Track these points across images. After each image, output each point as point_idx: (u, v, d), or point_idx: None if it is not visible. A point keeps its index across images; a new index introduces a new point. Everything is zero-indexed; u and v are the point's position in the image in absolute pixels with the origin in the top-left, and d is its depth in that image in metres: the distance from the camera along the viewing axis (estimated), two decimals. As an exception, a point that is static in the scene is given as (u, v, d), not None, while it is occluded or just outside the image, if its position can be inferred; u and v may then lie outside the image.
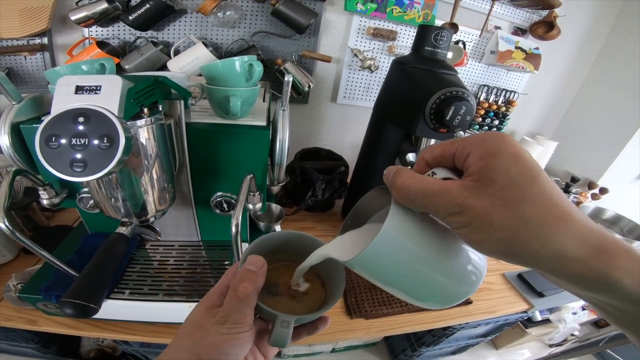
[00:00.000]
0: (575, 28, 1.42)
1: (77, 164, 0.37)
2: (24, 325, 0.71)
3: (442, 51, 0.79)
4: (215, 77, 0.59)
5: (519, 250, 0.20)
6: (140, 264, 0.71)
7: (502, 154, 0.20)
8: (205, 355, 0.27)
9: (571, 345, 1.44)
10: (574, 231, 0.19)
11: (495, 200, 0.20)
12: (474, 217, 0.21)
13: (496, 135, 0.22)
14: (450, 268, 0.26)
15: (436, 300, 0.28)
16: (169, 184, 0.57)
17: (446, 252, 0.26)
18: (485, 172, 0.21)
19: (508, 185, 0.20)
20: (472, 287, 0.27)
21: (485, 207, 0.20)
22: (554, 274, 0.20)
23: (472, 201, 0.21)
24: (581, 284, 0.20)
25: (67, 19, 0.96)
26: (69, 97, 0.39)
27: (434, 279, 0.26)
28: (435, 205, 0.22)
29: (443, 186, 0.22)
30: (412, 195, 0.24)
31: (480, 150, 0.22)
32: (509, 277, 1.09)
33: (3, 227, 0.49)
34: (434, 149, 0.26)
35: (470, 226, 0.21)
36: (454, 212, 0.21)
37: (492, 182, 0.20)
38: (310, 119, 1.39)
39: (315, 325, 0.35)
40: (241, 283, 0.29)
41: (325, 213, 1.20)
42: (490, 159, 0.21)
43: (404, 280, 0.27)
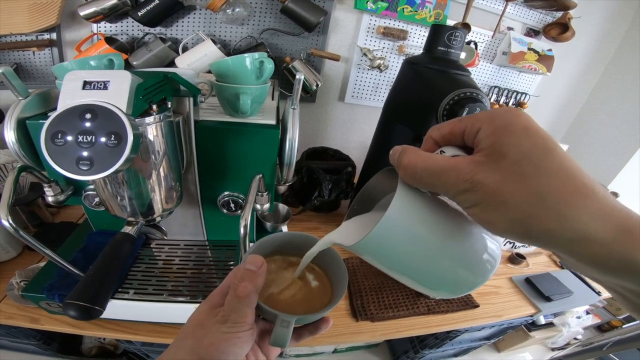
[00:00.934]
0: (590, 30, 1.40)
1: (84, 162, 0.36)
2: (26, 323, 0.70)
3: (456, 51, 0.78)
4: (225, 74, 0.58)
5: (535, 230, 0.18)
6: (145, 263, 0.70)
7: (514, 128, 0.19)
8: (206, 354, 0.27)
9: (574, 349, 1.42)
10: (595, 209, 0.17)
11: (507, 175, 0.19)
12: (485, 194, 0.19)
13: (507, 110, 0.20)
14: (461, 254, 0.25)
15: (446, 288, 0.27)
16: (177, 183, 0.56)
17: (457, 237, 0.25)
18: (496, 147, 0.19)
19: (521, 159, 0.18)
20: (484, 276, 0.26)
21: (497, 182, 0.19)
22: (573, 256, 0.18)
23: (483, 177, 0.19)
24: (603, 268, 0.18)
25: (76, 14, 0.96)
26: (76, 93, 0.38)
27: (443, 265, 0.25)
28: (444, 183, 0.21)
29: (452, 163, 0.21)
30: (419, 173, 0.22)
31: (491, 125, 0.20)
32: (516, 281, 1.07)
33: (6, 224, 0.48)
34: (442, 127, 0.24)
35: (482, 204, 0.20)
36: (464, 189, 0.20)
37: (503, 156, 0.19)
38: (317, 118, 1.38)
39: (317, 326, 0.35)
40: (241, 282, 0.29)
41: (331, 213, 1.19)
42: (501, 133, 0.19)
43: (412, 266, 0.26)
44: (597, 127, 1.57)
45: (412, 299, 0.91)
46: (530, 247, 1.24)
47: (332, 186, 1.06)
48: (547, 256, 1.26)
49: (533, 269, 1.16)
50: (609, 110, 1.51)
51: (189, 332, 0.30)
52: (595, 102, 1.59)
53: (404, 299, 0.90)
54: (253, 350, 0.33)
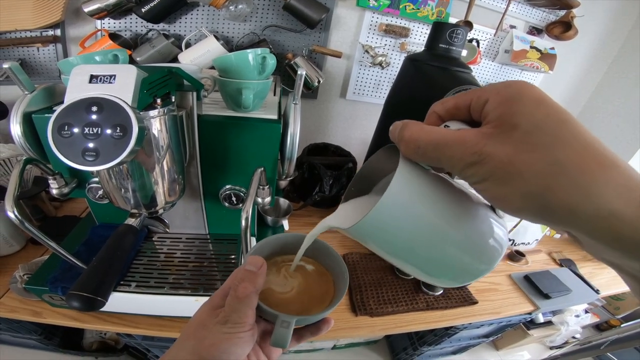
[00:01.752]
0: (593, 29, 1.39)
1: (89, 153, 0.37)
2: (29, 317, 0.71)
3: (457, 49, 0.78)
4: (228, 69, 0.58)
5: (554, 205, 0.16)
6: (147, 256, 0.71)
7: (524, 98, 0.18)
8: (207, 354, 0.27)
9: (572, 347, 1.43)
10: (619, 183, 0.16)
11: (519, 145, 0.17)
12: (496, 166, 0.17)
13: (516, 81, 0.19)
14: (466, 237, 0.23)
15: (449, 275, 0.25)
16: (179, 176, 0.57)
17: (462, 219, 0.23)
18: (506, 117, 0.18)
19: (533, 129, 0.17)
20: (490, 263, 0.24)
21: (509, 154, 0.17)
22: (594, 235, 0.17)
23: (492, 148, 0.18)
24: (626, 250, 0.16)
25: (80, 10, 0.96)
26: (83, 86, 0.38)
27: (447, 249, 0.23)
28: (450, 157, 0.19)
29: (458, 135, 0.19)
30: (423, 147, 0.21)
31: (499, 96, 0.19)
32: (515, 279, 1.08)
33: (12, 216, 0.49)
34: (447, 101, 0.23)
35: (493, 178, 0.18)
36: (472, 162, 0.18)
37: (514, 127, 0.17)
38: (319, 114, 1.38)
39: (318, 327, 0.35)
40: (241, 283, 0.29)
41: (332, 209, 1.19)
42: (510, 103, 0.18)
43: (414, 250, 0.24)
44: (599, 126, 1.56)
45: (411, 294, 0.92)
46: (531, 245, 1.25)
47: (333, 182, 1.07)
48: (547, 254, 1.26)
49: (532, 267, 1.16)
50: (611, 109, 1.51)
51: (191, 332, 0.30)
52: (597, 101, 1.58)
53: (403, 294, 0.91)
54: (254, 351, 0.33)
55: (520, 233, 1.19)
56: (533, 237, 1.23)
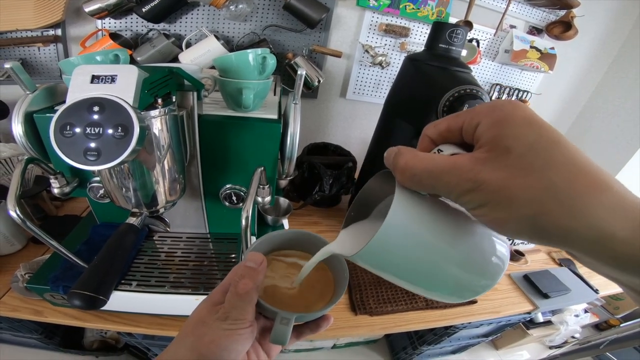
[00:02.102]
0: (593, 29, 1.39)
1: (91, 153, 0.37)
2: (30, 315, 0.71)
3: (457, 49, 0.78)
4: (229, 69, 0.59)
5: (549, 228, 0.17)
6: (147, 255, 0.71)
7: (515, 120, 0.18)
8: (206, 350, 0.27)
9: (571, 347, 1.43)
10: (613, 204, 0.16)
11: (513, 170, 0.17)
12: (491, 192, 0.18)
13: (506, 102, 0.19)
14: (468, 258, 0.24)
15: (453, 294, 0.25)
16: (180, 175, 0.57)
17: (463, 241, 0.23)
18: (498, 140, 0.18)
19: (526, 151, 0.17)
20: (493, 279, 0.24)
21: (503, 179, 0.17)
22: (591, 256, 0.17)
23: (487, 175, 0.18)
24: (623, 268, 0.16)
25: (80, 10, 0.96)
26: (84, 86, 0.39)
27: (450, 270, 0.24)
28: (446, 185, 0.20)
29: (452, 162, 0.20)
30: (418, 175, 0.21)
31: (490, 118, 0.19)
32: (514, 278, 1.08)
33: (14, 215, 0.49)
34: (439, 124, 0.23)
35: (489, 204, 0.18)
36: (468, 189, 0.19)
37: (507, 150, 0.18)
38: (319, 113, 1.38)
39: (317, 324, 0.35)
40: (241, 280, 0.29)
41: (332, 208, 1.20)
42: (502, 126, 0.18)
43: (417, 273, 0.24)
44: (599, 126, 1.57)
45: (411, 294, 0.92)
46: (529, 244, 1.25)
47: (333, 181, 1.07)
48: (546, 253, 1.27)
49: (531, 266, 1.16)
50: (611, 109, 1.51)
51: (190, 329, 0.30)
52: (597, 100, 1.58)
53: (402, 294, 0.91)
54: (254, 348, 0.33)
55: (520, 232, 1.19)
56: (533, 236, 1.23)
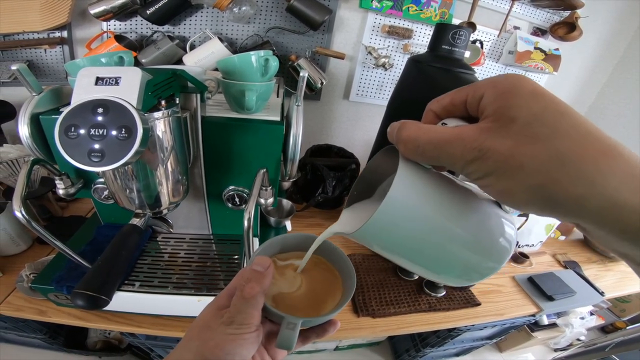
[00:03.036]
0: (598, 30, 1.38)
1: (95, 154, 0.38)
2: (34, 315, 0.72)
3: (460, 50, 0.78)
4: (232, 71, 0.59)
5: (560, 197, 0.16)
6: (151, 256, 0.72)
7: (520, 91, 0.18)
8: (211, 355, 0.27)
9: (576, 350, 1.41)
10: (624, 172, 0.15)
11: (519, 138, 0.17)
12: (498, 160, 0.17)
13: (510, 75, 0.19)
14: (473, 237, 0.23)
15: (456, 274, 0.25)
16: (183, 177, 0.58)
17: (467, 217, 0.23)
18: (503, 110, 0.18)
19: (532, 121, 0.17)
20: (499, 261, 0.23)
21: (510, 147, 0.17)
22: (602, 227, 0.16)
23: (492, 142, 0.17)
24: (636, 240, 0.16)
25: (86, 13, 0.97)
26: (89, 88, 0.39)
27: (454, 248, 0.23)
28: (450, 155, 0.19)
29: (456, 132, 0.19)
30: (422, 147, 0.21)
31: (494, 90, 0.19)
32: (519, 280, 1.08)
33: (20, 216, 0.50)
34: (442, 99, 0.23)
35: (496, 173, 0.18)
36: (473, 158, 0.18)
37: (512, 120, 0.17)
38: (322, 115, 1.39)
39: (324, 329, 0.35)
40: (247, 284, 0.29)
41: (334, 210, 1.20)
42: (507, 97, 0.18)
43: (421, 251, 0.24)
44: (605, 127, 1.51)
45: (414, 296, 0.91)
46: (535, 246, 1.24)
47: (336, 183, 1.07)
48: (551, 256, 1.26)
49: (536, 268, 1.15)
50: (617, 110, 1.50)
51: (195, 333, 0.29)
52: (603, 101, 1.57)
53: (405, 295, 0.91)
54: (259, 352, 0.33)
55: (525, 235, 1.19)
56: (537, 239, 1.22)
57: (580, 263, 1.24)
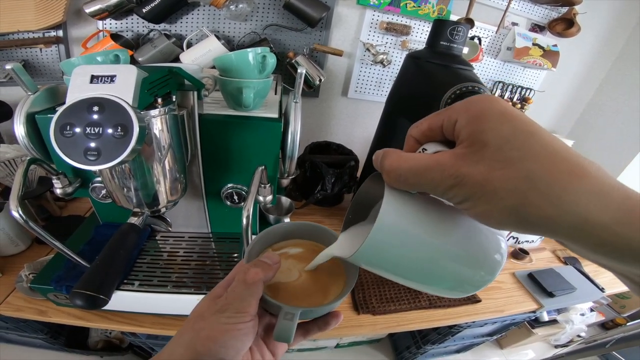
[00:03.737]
0: (596, 26, 1.38)
1: (91, 153, 0.37)
2: (34, 315, 0.71)
3: (458, 46, 0.78)
4: (229, 68, 0.59)
5: (532, 217, 0.17)
6: (150, 255, 0.72)
7: (491, 114, 0.18)
8: (202, 347, 0.26)
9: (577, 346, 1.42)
10: (592, 190, 0.16)
11: (492, 163, 0.18)
12: (473, 186, 0.18)
13: (481, 97, 0.20)
14: (462, 251, 0.24)
15: (455, 288, 0.26)
16: (181, 175, 0.57)
17: (456, 235, 0.24)
18: (475, 135, 0.19)
19: (503, 144, 0.18)
20: (492, 273, 0.24)
21: (483, 173, 0.18)
22: (576, 243, 0.17)
23: (468, 169, 0.19)
24: (608, 254, 0.17)
25: (81, 11, 0.97)
26: (84, 87, 0.39)
27: (448, 265, 0.24)
28: (430, 182, 0.20)
29: (434, 159, 0.20)
30: (404, 175, 0.22)
31: (467, 114, 0.20)
32: (519, 277, 1.08)
33: (16, 215, 0.49)
34: (420, 124, 0.24)
35: (473, 198, 0.19)
36: (451, 185, 0.19)
37: (484, 144, 0.18)
38: (320, 112, 1.38)
39: (326, 321, 0.34)
40: (252, 268, 0.29)
41: (334, 207, 1.20)
42: (478, 121, 0.19)
43: (416, 270, 0.25)
44: (603, 124, 1.55)
45: (414, 292, 0.92)
46: (535, 242, 1.24)
47: (335, 180, 1.07)
48: (551, 252, 1.26)
49: (536, 265, 1.15)
50: (615, 106, 1.50)
51: (189, 325, 0.28)
52: (601, 98, 1.57)
53: (405, 292, 0.91)
54: (259, 347, 0.32)
55: (524, 231, 1.19)
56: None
57: (580, 259, 1.24)
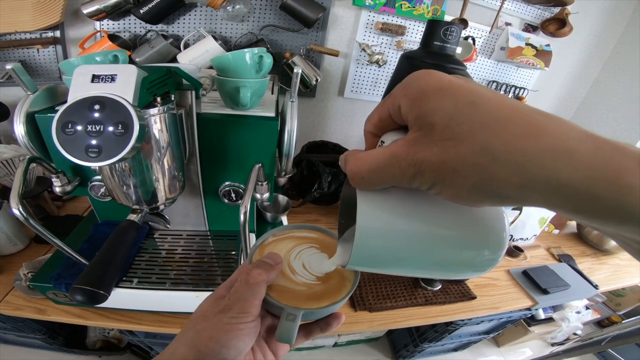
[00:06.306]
0: (588, 25, 1.40)
1: (92, 150, 0.38)
2: (33, 314, 0.72)
3: (452, 46, 0.79)
4: (226, 68, 0.60)
5: (502, 190, 0.16)
6: (148, 252, 0.72)
7: (428, 93, 0.17)
8: (205, 347, 0.26)
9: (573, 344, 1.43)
10: (555, 148, 0.14)
11: (444, 142, 0.16)
12: (433, 170, 0.17)
13: (417, 74, 0.18)
14: (458, 234, 0.22)
15: (462, 270, 0.24)
16: (179, 173, 0.58)
17: (445, 218, 0.22)
18: (420, 118, 0.17)
19: (448, 121, 0.16)
20: (498, 249, 0.23)
21: (438, 154, 0.17)
22: (559, 209, 0.16)
23: (424, 154, 0.17)
24: (596, 218, 0.15)
25: (79, 12, 0.97)
26: (85, 86, 0.40)
27: (446, 251, 0.23)
28: (392, 177, 0.19)
29: (389, 153, 0.19)
30: (366, 177, 0.21)
31: (407, 98, 0.18)
32: (513, 274, 1.09)
33: (17, 213, 0.50)
34: (372, 117, 0.23)
35: (438, 182, 0.17)
36: (413, 173, 0.18)
37: (432, 126, 0.17)
38: (317, 112, 1.39)
39: (328, 323, 0.34)
40: (255, 269, 0.29)
41: (331, 206, 1.21)
42: (419, 103, 0.18)
43: (416, 262, 0.24)
44: (597, 122, 1.58)
45: (410, 289, 0.93)
46: (529, 240, 1.26)
47: (332, 179, 1.08)
48: (545, 249, 1.27)
49: (531, 262, 1.17)
50: (609, 104, 1.52)
51: (192, 325, 0.28)
52: (594, 96, 1.59)
53: (401, 289, 0.92)
54: (260, 347, 0.32)
55: (519, 228, 1.20)
56: (531, 232, 1.24)
57: (574, 256, 1.26)
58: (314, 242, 0.37)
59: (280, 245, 0.37)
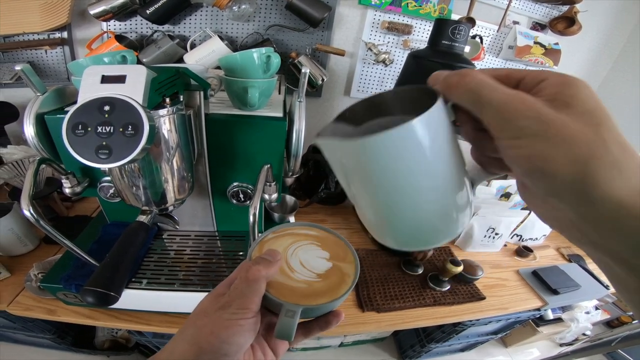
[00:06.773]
0: (597, 24, 1.38)
1: (102, 151, 0.38)
2: (44, 315, 0.72)
3: (460, 45, 0.78)
4: (234, 68, 0.60)
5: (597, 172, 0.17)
6: (157, 253, 0.73)
7: (580, 87, 0.19)
8: (205, 343, 0.26)
9: (582, 344, 1.41)
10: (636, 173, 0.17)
11: (574, 117, 0.18)
12: (550, 126, 0.18)
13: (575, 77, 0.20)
14: (458, 194, 0.24)
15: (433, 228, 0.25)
16: (188, 173, 0.58)
17: (454, 176, 0.23)
18: (561, 96, 0.18)
19: (584, 112, 0.18)
20: (456, 223, 0.25)
21: (564, 120, 0.18)
22: (612, 222, 0.17)
23: (549, 111, 0.18)
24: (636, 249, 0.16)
25: (86, 13, 0.98)
26: (95, 87, 0.40)
27: (436, 196, 0.23)
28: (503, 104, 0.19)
29: (516, 91, 0.19)
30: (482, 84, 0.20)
31: (559, 79, 0.19)
32: (523, 274, 1.08)
33: (28, 214, 0.50)
34: (499, 70, 0.22)
35: (543, 136, 0.18)
36: (527, 116, 0.18)
37: (568, 105, 0.18)
38: (323, 112, 1.39)
39: (327, 320, 0.34)
40: (254, 266, 0.29)
41: (337, 206, 1.21)
42: (569, 87, 0.19)
43: (408, 194, 0.23)
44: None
45: (418, 290, 0.92)
46: (538, 240, 1.24)
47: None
48: (555, 249, 1.26)
49: (540, 262, 1.16)
50: (617, 104, 1.50)
51: (192, 321, 0.29)
52: (604, 95, 1.57)
53: (410, 290, 0.92)
54: (260, 344, 0.32)
55: (528, 228, 1.19)
56: (541, 232, 1.22)
57: (584, 257, 1.24)
58: (314, 239, 0.38)
59: (280, 242, 0.37)
